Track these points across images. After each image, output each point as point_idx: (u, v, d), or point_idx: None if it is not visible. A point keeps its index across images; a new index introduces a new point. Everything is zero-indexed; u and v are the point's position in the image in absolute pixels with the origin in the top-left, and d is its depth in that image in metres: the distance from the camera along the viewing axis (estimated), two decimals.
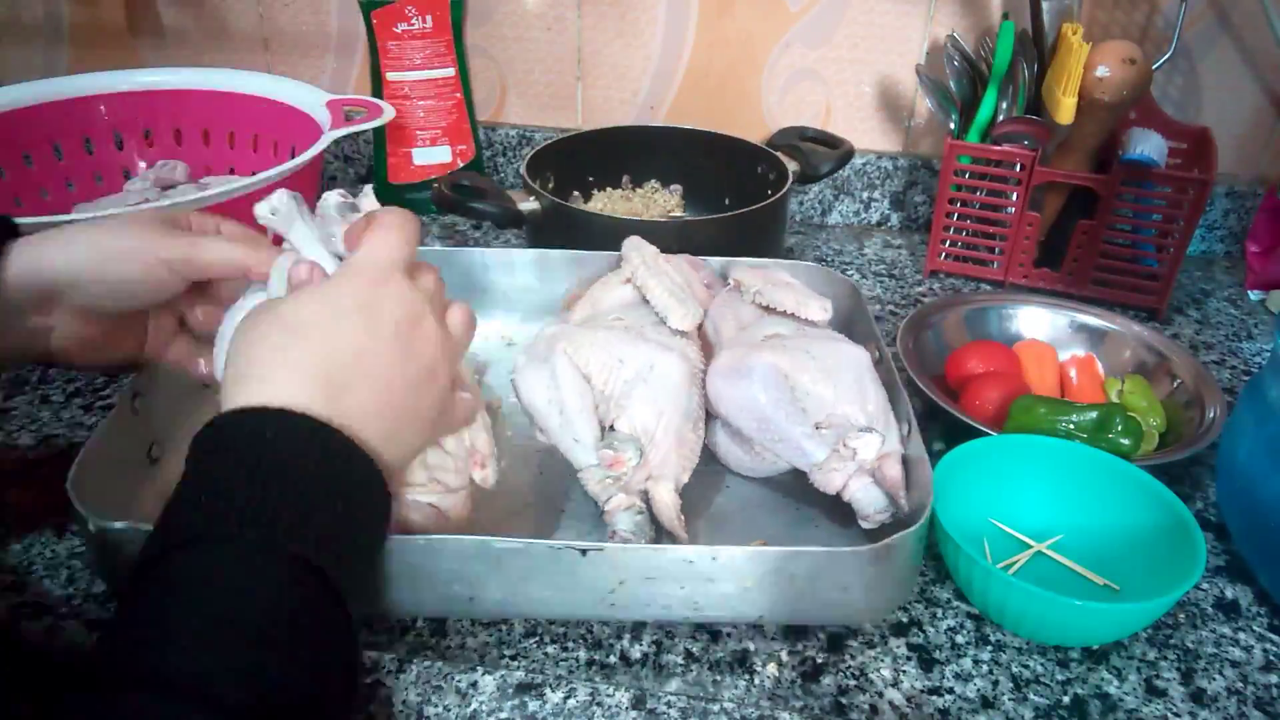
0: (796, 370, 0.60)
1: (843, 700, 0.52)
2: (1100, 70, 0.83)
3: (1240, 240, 1.03)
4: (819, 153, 0.95)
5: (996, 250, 0.94)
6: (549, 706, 0.50)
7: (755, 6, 1.02)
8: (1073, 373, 0.75)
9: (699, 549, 0.51)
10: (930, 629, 0.56)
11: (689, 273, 0.74)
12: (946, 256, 0.97)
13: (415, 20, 1.02)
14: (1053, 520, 0.62)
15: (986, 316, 0.82)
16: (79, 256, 0.50)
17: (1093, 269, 0.90)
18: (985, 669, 0.54)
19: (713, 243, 0.80)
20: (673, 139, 1.04)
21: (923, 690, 0.52)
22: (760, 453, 0.63)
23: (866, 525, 0.59)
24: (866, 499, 0.58)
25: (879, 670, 0.53)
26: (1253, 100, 0.98)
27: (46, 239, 0.51)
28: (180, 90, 1.01)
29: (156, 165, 1.01)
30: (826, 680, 0.53)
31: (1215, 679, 0.54)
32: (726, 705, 0.50)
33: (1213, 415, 0.69)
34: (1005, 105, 0.90)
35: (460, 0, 1.03)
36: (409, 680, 0.51)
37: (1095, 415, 0.65)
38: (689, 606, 0.53)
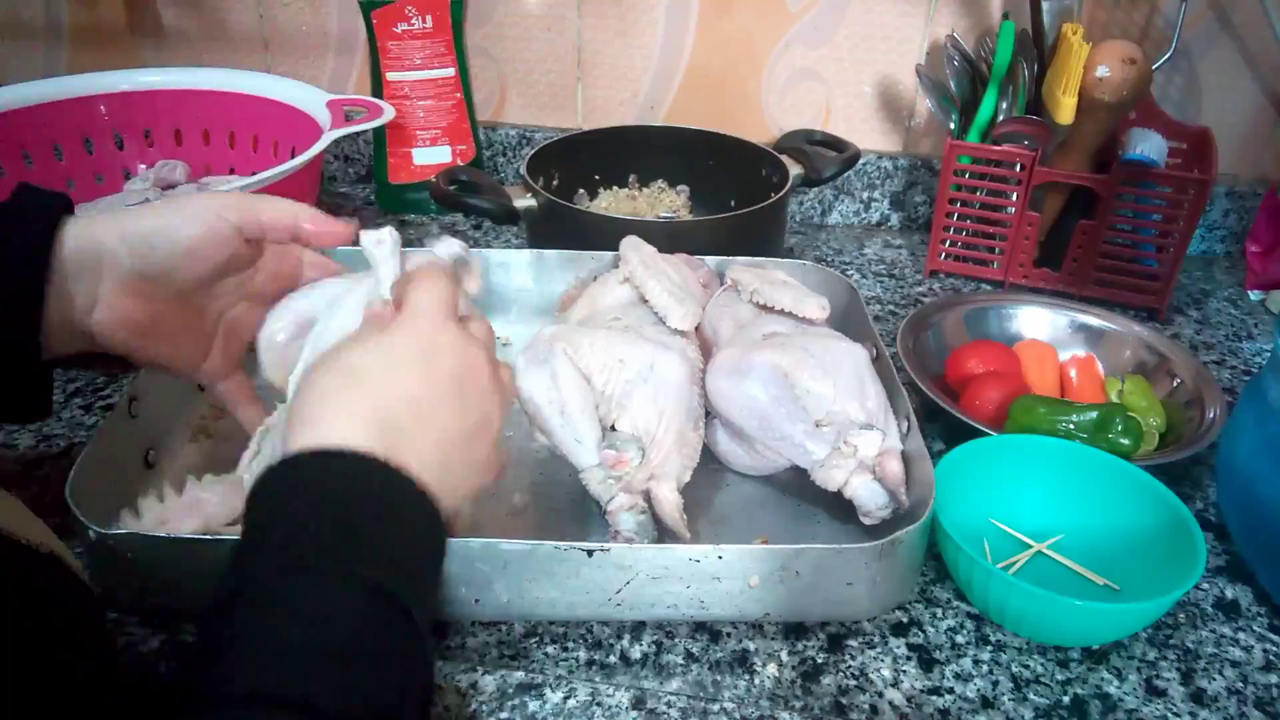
0: (796, 368, 0.60)
1: (843, 700, 0.52)
2: (1100, 70, 0.83)
3: (1240, 240, 1.03)
4: (824, 156, 0.95)
5: (996, 250, 0.94)
6: (549, 706, 0.50)
7: (755, 6, 1.02)
8: (1073, 373, 0.75)
9: (704, 548, 0.52)
10: (930, 629, 0.56)
11: (686, 272, 0.74)
12: (946, 256, 0.97)
13: (415, 20, 1.02)
14: (1053, 520, 0.62)
15: (986, 316, 0.82)
16: (136, 223, 0.51)
17: (1093, 269, 0.90)
18: (985, 669, 0.54)
19: (712, 243, 0.80)
20: (677, 139, 1.04)
21: (923, 690, 0.52)
22: (761, 451, 0.63)
23: (868, 521, 0.59)
24: (868, 495, 0.58)
25: (879, 670, 0.53)
26: (1253, 100, 0.98)
27: (98, 216, 0.51)
28: (180, 90, 1.01)
29: (156, 165, 1.01)
30: (826, 680, 0.53)
31: (1215, 679, 0.54)
32: (726, 705, 0.50)
33: (1213, 415, 0.69)
34: (1005, 105, 0.90)
35: (460, 0, 1.03)
36: None
37: (1095, 415, 0.65)
38: (694, 605, 0.53)
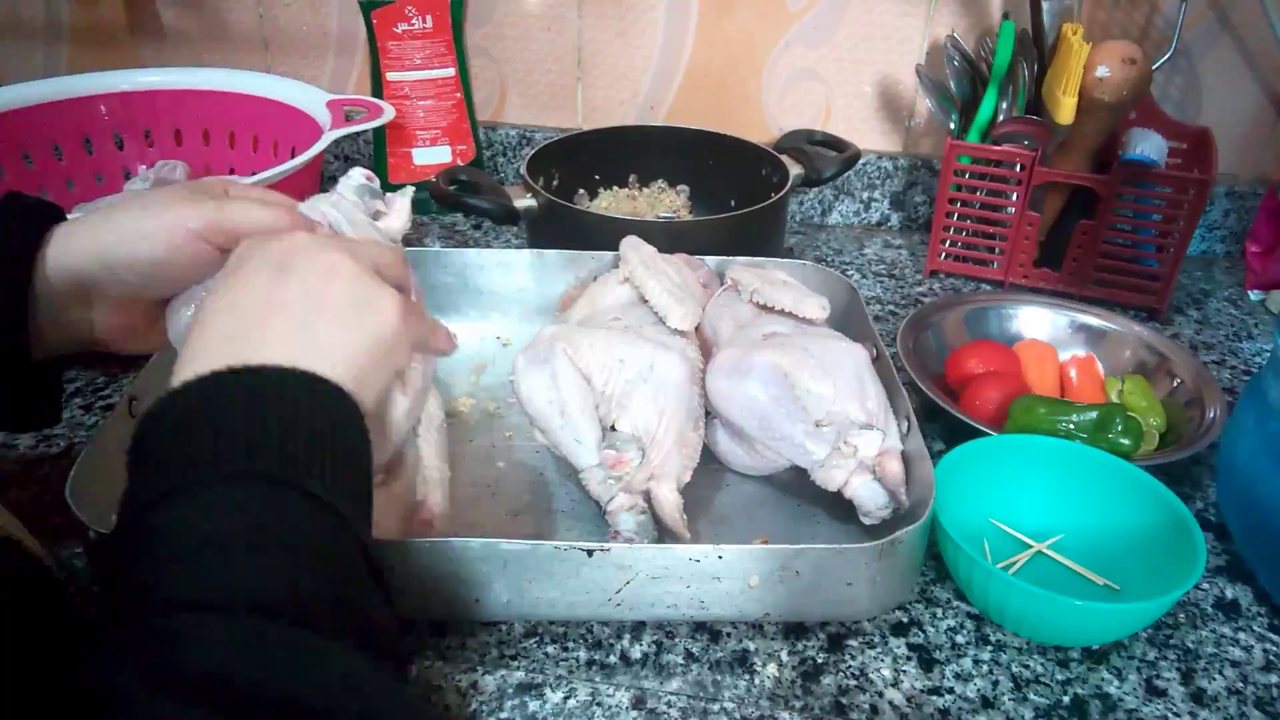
0: (796, 368, 0.60)
1: (843, 700, 0.52)
2: (1100, 70, 0.83)
3: (1240, 240, 1.03)
4: (824, 156, 0.95)
5: (996, 250, 0.94)
6: (549, 706, 0.50)
7: (755, 6, 1.02)
8: (1073, 373, 0.75)
9: (704, 547, 0.51)
10: (930, 629, 0.56)
11: (686, 272, 0.74)
12: (946, 256, 0.97)
13: (415, 20, 1.02)
14: (1053, 520, 0.62)
15: (986, 316, 0.81)
16: (108, 242, 0.48)
17: (1093, 269, 0.90)
18: (985, 669, 0.54)
19: (712, 243, 0.80)
20: (677, 139, 1.04)
21: (923, 690, 0.52)
22: (761, 451, 0.63)
23: (868, 521, 0.59)
24: (868, 495, 0.58)
25: (879, 670, 0.53)
26: (1253, 100, 0.98)
27: (78, 226, 0.49)
28: (180, 90, 1.01)
29: (156, 165, 1.01)
30: (826, 680, 0.53)
31: (1215, 679, 0.54)
32: (726, 705, 0.50)
33: (1213, 415, 0.69)
34: (1005, 105, 0.90)
35: (460, 0, 1.03)
36: (409, 680, 0.51)
37: (1095, 415, 0.65)
38: (694, 605, 0.53)
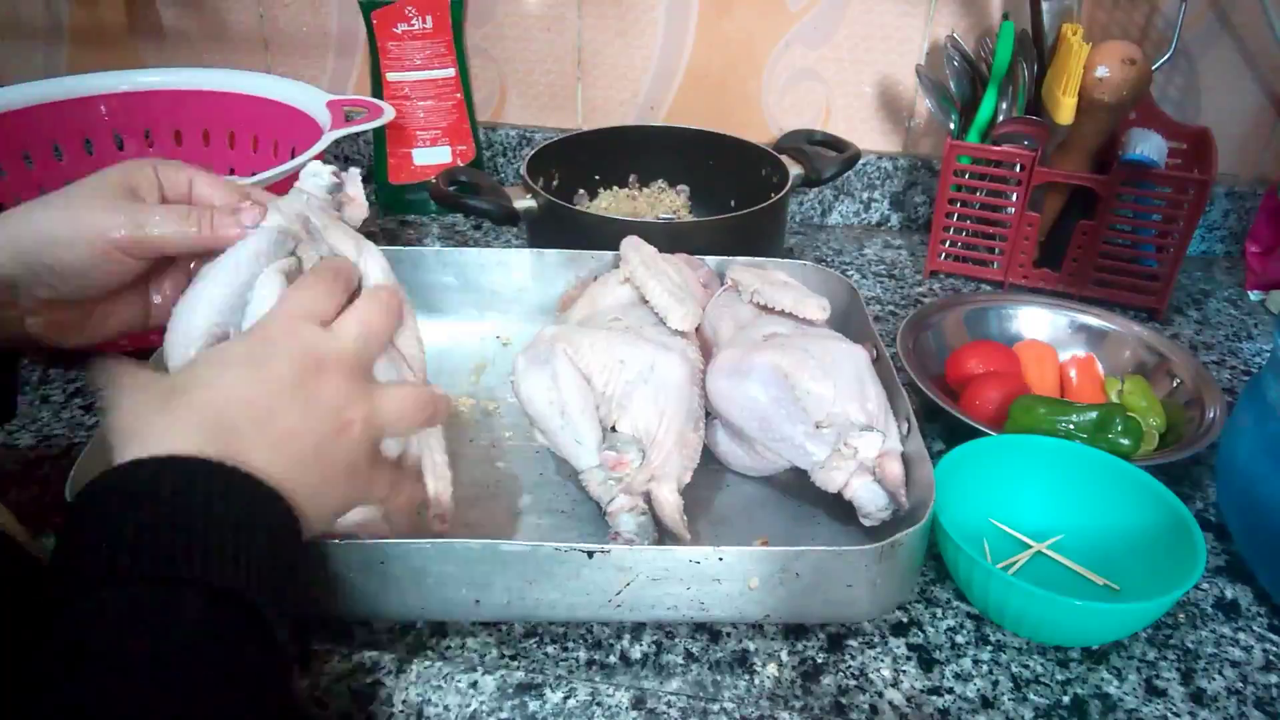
0: (796, 369, 0.60)
1: (843, 700, 0.52)
2: (1100, 70, 0.83)
3: (1240, 240, 1.03)
4: (824, 156, 0.95)
5: (996, 250, 0.94)
6: (549, 706, 0.50)
7: (755, 6, 1.02)
8: (1073, 373, 0.75)
9: (704, 549, 0.51)
10: (930, 629, 0.56)
11: (687, 272, 0.74)
12: (946, 257, 0.97)
13: (415, 20, 1.02)
14: (1053, 520, 0.62)
15: (986, 317, 0.81)
16: (26, 245, 0.46)
17: (1093, 269, 0.90)
18: (985, 669, 0.54)
19: (712, 244, 0.80)
20: (677, 139, 1.04)
21: (923, 690, 0.52)
22: (761, 452, 0.63)
23: (868, 523, 0.59)
24: (868, 497, 0.58)
25: (879, 670, 0.53)
26: (1253, 100, 0.98)
27: (5, 219, 0.47)
28: (180, 90, 1.01)
29: None
30: (826, 680, 0.53)
31: (1215, 679, 0.54)
32: (726, 705, 0.50)
33: (1213, 415, 0.69)
34: (1005, 105, 0.90)
35: (460, 0, 1.03)
36: (409, 680, 0.51)
37: (1095, 415, 0.65)
38: (694, 607, 0.53)
